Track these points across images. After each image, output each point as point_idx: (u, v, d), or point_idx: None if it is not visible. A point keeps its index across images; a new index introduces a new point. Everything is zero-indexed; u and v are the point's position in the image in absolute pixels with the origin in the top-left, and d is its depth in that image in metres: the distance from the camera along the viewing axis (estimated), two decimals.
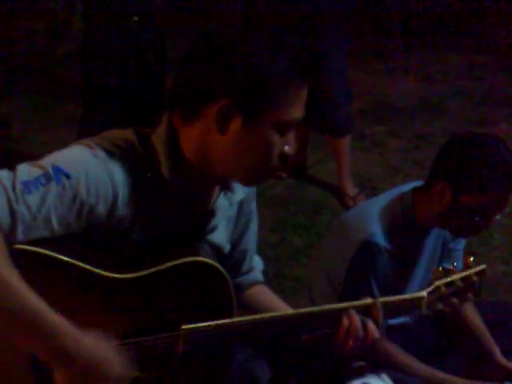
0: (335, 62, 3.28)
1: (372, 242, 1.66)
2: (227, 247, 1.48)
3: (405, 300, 1.40)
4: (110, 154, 1.25)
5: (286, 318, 1.35)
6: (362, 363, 1.87)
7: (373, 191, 3.51)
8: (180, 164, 1.29)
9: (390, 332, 1.95)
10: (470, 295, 1.45)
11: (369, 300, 1.39)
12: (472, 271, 1.47)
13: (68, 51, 4.87)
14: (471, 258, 1.53)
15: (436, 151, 1.89)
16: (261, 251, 1.68)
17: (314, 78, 3.51)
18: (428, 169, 1.91)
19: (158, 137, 1.30)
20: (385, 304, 1.39)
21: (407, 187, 1.95)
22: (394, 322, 1.99)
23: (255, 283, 1.60)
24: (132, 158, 1.27)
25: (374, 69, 5.37)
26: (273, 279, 2.74)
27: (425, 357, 2.02)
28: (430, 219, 1.86)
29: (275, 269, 2.88)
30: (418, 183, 1.94)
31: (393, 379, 1.90)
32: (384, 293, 1.60)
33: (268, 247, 3.04)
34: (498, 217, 1.81)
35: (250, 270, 1.59)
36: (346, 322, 1.34)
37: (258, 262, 1.62)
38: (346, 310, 1.35)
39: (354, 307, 1.36)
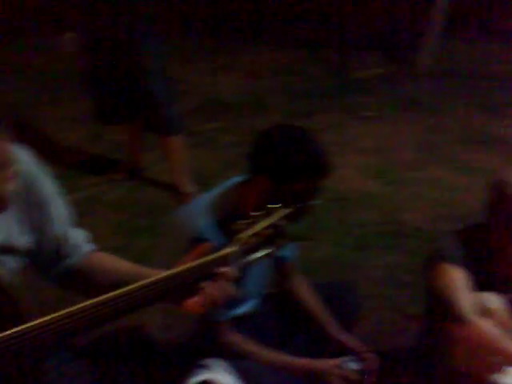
0: (152, 62, 3.24)
1: (201, 239, 1.62)
2: (22, 241, 1.37)
3: (213, 259, 1.32)
4: None
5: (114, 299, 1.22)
6: (206, 360, 1.83)
7: (209, 187, 3.48)
8: None
9: (234, 322, 1.93)
10: (281, 240, 1.41)
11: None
12: (275, 218, 1.41)
13: None
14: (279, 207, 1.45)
15: None
16: None
17: (133, 78, 3.49)
18: None
19: None
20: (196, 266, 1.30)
21: (231, 182, 1.95)
22: (236, 312, 1.98)
23: (87, 254, 1.49)
24: None
25: (201, 67, 5.39)
26: None
27: (271, 342, 2.03)
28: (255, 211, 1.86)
29: None
30: (242, 178, 1.94)
31: (240, 369, 1.87)
32: None
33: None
34: (316, 202, 1.86)
35: (74, 249, 1.47)
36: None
37: (79, 236, 1.49)
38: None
39: (210, 261, 1.29)
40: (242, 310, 2.02)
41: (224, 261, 1.33)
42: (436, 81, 5.33)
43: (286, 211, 1.43)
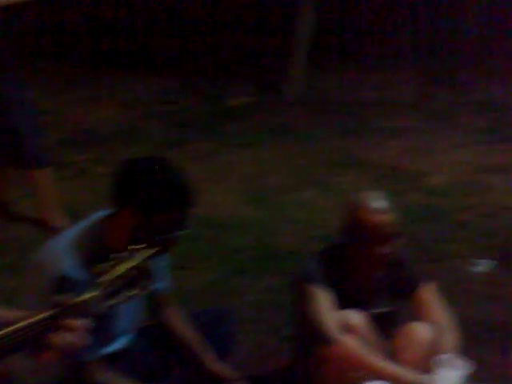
0: (12, 94, 3.12)
1: (64, 279, 1.56)
2: None
3: (75, 304, 1.27)
4: None
5: None
6: None
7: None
8: None
9: (106, 360, 1.86)
10: (146, 282, 1.37)
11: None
12: (139, 259, 1.38)
13: None
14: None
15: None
16: None
17: None
18: None
19: None
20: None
21: (97, 216, 1.89)
22: (108, 350, 1.91)
23: None
24: None
25: (74, 98, 5.26)
26: None
27: (147, 376, 1.97)
28: (123, 243, 1.82)
29: None
30: (107, 211, 1.89)
31: None
32: None
33: None
34: (186, 231, 1.84)
35: None
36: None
37: None
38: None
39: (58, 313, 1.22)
40: (114, 346, 1.95)
41: (83, 307, 1.27)
42: (305, 108, 5.53)
43: (150, 251, 1.39)
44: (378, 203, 2.10)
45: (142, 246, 1.38)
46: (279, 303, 2.94)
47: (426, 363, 2.03)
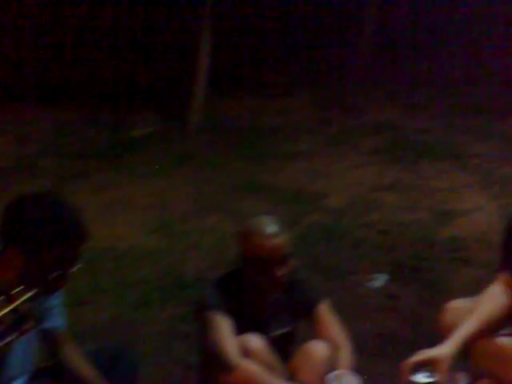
0: None
1: None
2: None
3: None
4: None
5: None
6: None
7: None
8: None
9: None
10: (27, 325, 1.34)
11: None
12: (18, 302, 1.34)
13: None
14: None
15: None
16: None
17: None
18: None
19: None
20: None
21: None
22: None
23: None
24: None
25: None
26: None
27: None
28: (13, 284, 1.76)
29: None
30: None
31: None
32: None
33: None
34: (76, 268, 1.81)
35: None
36: None
37: None
38: None
39: None
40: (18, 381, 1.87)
41: None
42: (208, 135, 5.58)
43: (29, 294, 1.36)
44: (268, 227, 2.14)
45: (21, 288, 1.34)
46: (184, 332, 2.93)
47: (322, 381, 2.08)
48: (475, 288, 1.99)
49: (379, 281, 3.35)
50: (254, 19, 7.31)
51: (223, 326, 2.11)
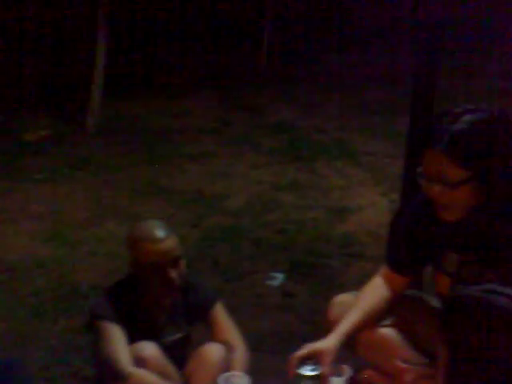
0: None
1: None
2: None
3: None
4: None
5: None
6: None
7: None
8: None
9: None
10: None
11: None
12: None
13: None
14: None
15: None
16: None
17: None
18: None
19: None
20: None
21: None
22: None
23: None
24: None
25: None
26: None
27: None
28: None
29: None
30: None
31: None
32: None
33: None
34: None
35: None
36: None
37: None
38: None
39: None
40: None
41: None
42: (107, 138, 5.45)
43: None
44: (157, 231, 2.12)
45: None
46: (79, 344, 2.85)
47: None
48: (367, 281, 2.05)
49: (277, 279, 3.40)
50: (152, 20, 7.22)
51: (114, 336, 2.07)
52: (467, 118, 1.69)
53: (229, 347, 2.21)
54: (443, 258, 1.87)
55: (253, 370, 2.12)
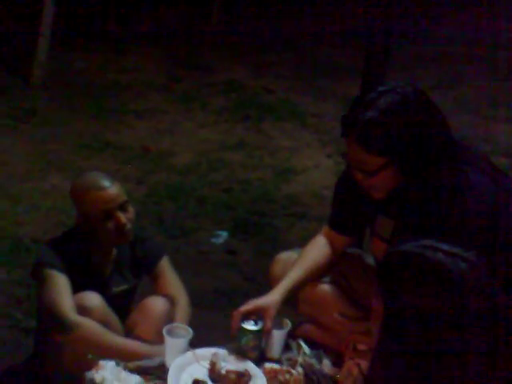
0: None
1: None
2: None
3: None
4: None
5: None
6: None
7: None
8: None
9: None
10: None
11: None
12: None
13: None
14: None
15: None
16: None
17: None
18: None
19: None
20: None
21: None
22: None
23: None
24: None
25: None
26: None
27: None
28: None
29: None
30: None
31: None
32: None
33: None
34: None
35: None
36: None
37: None
38: None
39: None
40: None
41: None
42: (52, 92, 5.28)
43: None
44: (101, 180, 2.09)
45: None
46: (20, 296, 2.81)
47: (159, 335, 2.09)
48: (309, 240, 2.08)
49: (221, 237, 3.41)
50: None
51: (60, 284, 2.04)
52: (380, 103, 1.65)
53: (173, 301, 2.22)
54: (378, 223, 1.90)
55: (195, 325, 2.14)
